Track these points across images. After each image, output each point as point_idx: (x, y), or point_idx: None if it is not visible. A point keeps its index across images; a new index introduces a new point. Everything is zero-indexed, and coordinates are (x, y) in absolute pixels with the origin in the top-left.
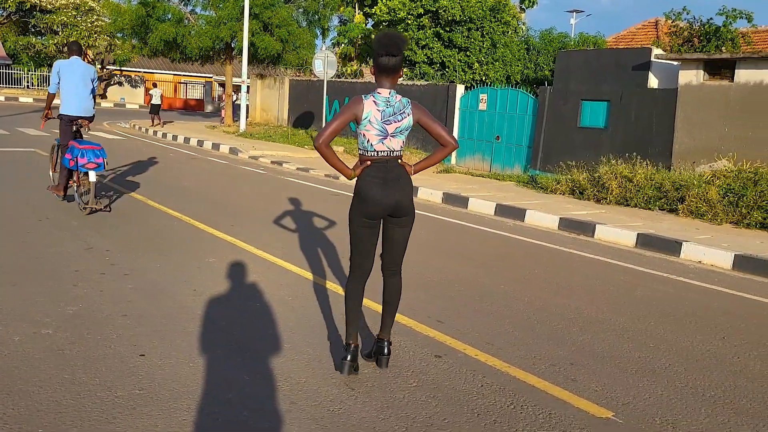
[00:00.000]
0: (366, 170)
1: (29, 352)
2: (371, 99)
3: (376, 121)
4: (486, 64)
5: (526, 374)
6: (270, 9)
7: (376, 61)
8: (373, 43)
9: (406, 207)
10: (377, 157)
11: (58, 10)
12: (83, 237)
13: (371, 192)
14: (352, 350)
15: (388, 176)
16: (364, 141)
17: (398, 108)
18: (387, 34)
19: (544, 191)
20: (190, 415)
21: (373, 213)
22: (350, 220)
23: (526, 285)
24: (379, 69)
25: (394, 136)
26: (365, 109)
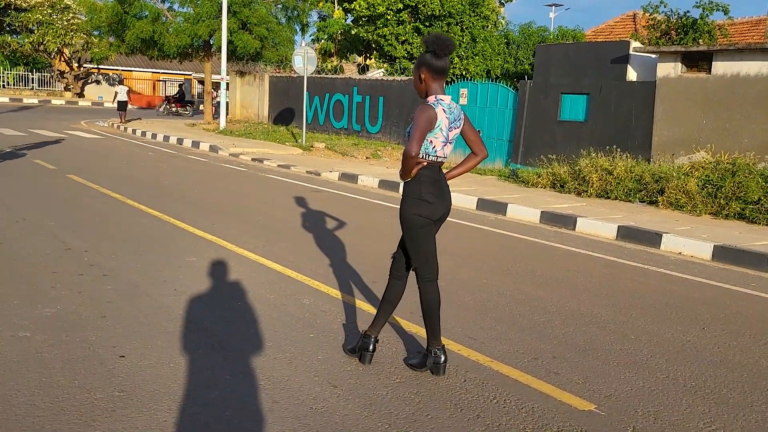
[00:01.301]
0: (423, 173)
1: (6, 355)
2: (440, 107)
3: (445, 128)
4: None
5: (509, 368)
6: (248, 6)
7: (429, 63)
8: (428, 45)
9: (448, 212)
10: (435, 161)
11: (33, 8)
12: (61, 237)
13: (433, 194)
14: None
15: (442, 180)
16: (428, 147)
17: (456, 115)
18: (437, 35)
19: (525, 185)
20: (171, 416)
21: (432, 215)
22: (412, 223)
23: (508, 279)
24: (437, 72)
25: (451, 143)
26: (438, 117)
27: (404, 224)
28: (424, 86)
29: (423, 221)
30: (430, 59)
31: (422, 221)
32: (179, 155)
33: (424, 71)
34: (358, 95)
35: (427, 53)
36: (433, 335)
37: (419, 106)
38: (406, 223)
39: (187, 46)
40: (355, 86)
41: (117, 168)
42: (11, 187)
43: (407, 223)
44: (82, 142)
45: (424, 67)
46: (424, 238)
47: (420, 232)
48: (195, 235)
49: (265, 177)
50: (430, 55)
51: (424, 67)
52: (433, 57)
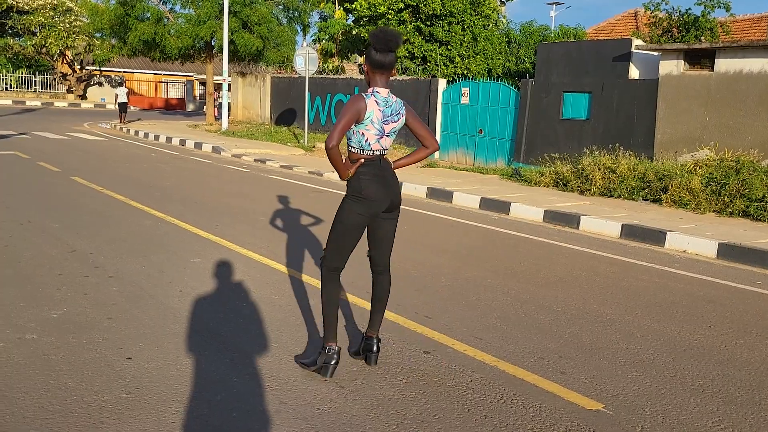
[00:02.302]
0: (363, 170)
1: (14, 358)
2: (373, 99)
3: (377, 120)
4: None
5: (515, 368)
6: (249, 6)
7: (372, 58)
8: (371, 38)
9: (398, 203)
10: (371, 156)
11: (36, 11)
12: (66, 240)
13: (374, 190)
14: (337, 352)
15: (384, 174)
16: (361, 140)
17: (395, 108)
18: (384, 29)
19: (528, 184)
20: (178, 418)
21: (374, 212)
22: (342, 220)
23: (513, 278)
24: (375, 66)
25: (388, 136)
26: (368, 108)
27: (338, 215)
28: (368, 78)
29: (359, 218)
30: (371, 53)
31: (359, 219)
32: (182, 156)
33: (367, 65)
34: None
35: (371, 47)
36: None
37: (351, 96)
38: (340, 214)
39: (189, 47)
40: (357, 86)
41: (120, 169)
42: (15, 189)
43: (341, 216)
44: (85, 144)
45: (367, 60)
46: (350, 233)
47: (349, 228)
48: (199, 236)
49: (267, 178)
50: (372, 49)
51: (367, 61)
52: (374, 51)
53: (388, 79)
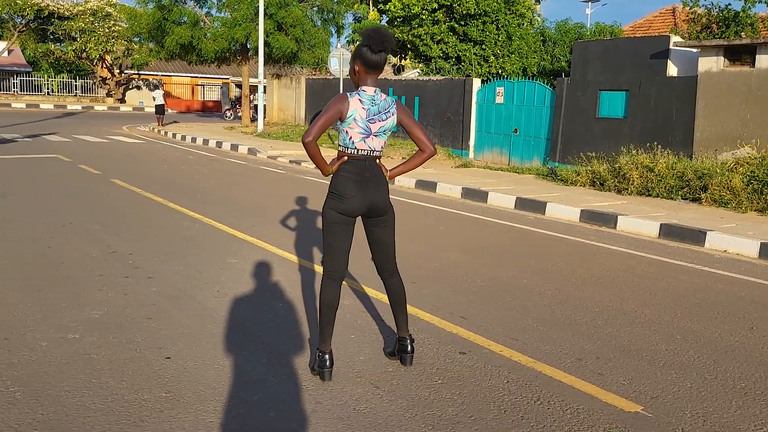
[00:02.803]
0: (344, 167)
1: (57, 357)
2: (357, 97)
3: (360, 119)
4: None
5: (552, 369)
6: (284, 8)
7: (367, 57)
8: (366, 38)
9: (381, 207)
10: (356, 155)
11: (76, 17)
12: (106, 241)
13: (348, 189)
14: (329, 357)
15: (366, 175)
16: (346, 138)
17: (383, 107)
18: (376, 29)
19: (564, 183)
20: (216, 417)
21: (348, 211)
22: (324, 218)
23: (549, 278)
24: (370, 66)
25: (377, 136)
26: (350, 106)
27: (322, 217)
28: (357, 78)
29: (338, 217)
30: (365, 53)
31: (337, 217)
32: (218, 158)
33: (358, 64)
34: (394, 96)
35: (364, 46)
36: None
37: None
38: (322, 216)
39: (225, 50)
40: (391, 87)
41: (158, 172)
42: (58, 192)
43: (322, 216)
44: (124, 146)
45: (359, 59)
46: (334, 234)
47: (332, 227)
48: (235, 237)
49: (303, 179)
50: (366, 48)
51: (359, 60)
52: (369, 51)
53: (377, 79)
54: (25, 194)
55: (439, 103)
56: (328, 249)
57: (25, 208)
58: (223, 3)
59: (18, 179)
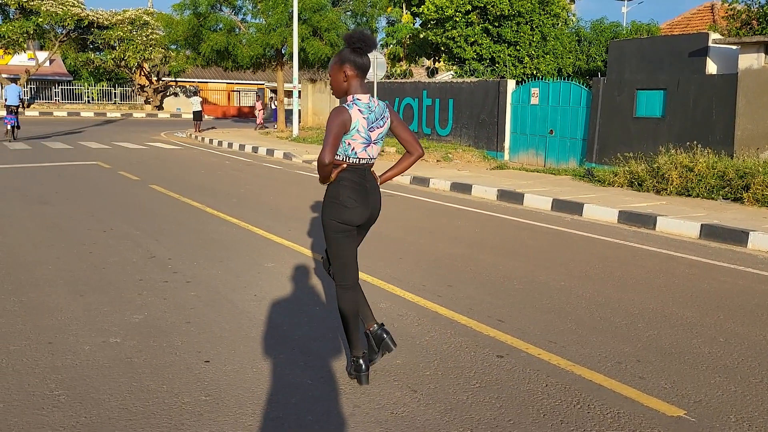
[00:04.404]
0: (345, 176)
1: (99, 360)
2: (356, 107)
3: (363, 129)
4: (537, 58)
5: (592, 373)
6: (318, 13)
7: (356, 61)
8: (354, 41)
9: (376, 216)
10: (357, 164)
11: (115, 26)
12: (146, 246)
13: (350, 199)
14: (365, 361)
15: (366, 185)
16: (348, 149)
17: (379, 113)
18: (361, 32)
19: (601, 184)
20: (255, 420)
21: (350, 221)
22: (327, 228)
23: (587, 280)
24: (360, 69)
25: (375, 143)
26: (353, 118)
27: (323, 227)
28: (347, 85)
29: (341, 227)
30: (354, 57)
31: (340, 226)
32: (255, 163)
33: (350, 68)
34: (428, 98)
35: (350, 50)
36: (351, 344)
37: (335, 109)
38: (324, 227)
39: (260, 56)
40: (425, 89)
41: (196, 177)
42: (98, 198)
43: (325, 227)
44: (163, 153)
45: (349, 63)
46: (340, 244)
47: (337, 237)
48: (272, 241)
49: None
50: (354, 52)
51: (349, 64)
52: (357, 54)
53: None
54: (67, 201)
55: (474, 105)
56: (336, 259)
57: (67, 214)
58: (257, 9)
59: (60, 186)
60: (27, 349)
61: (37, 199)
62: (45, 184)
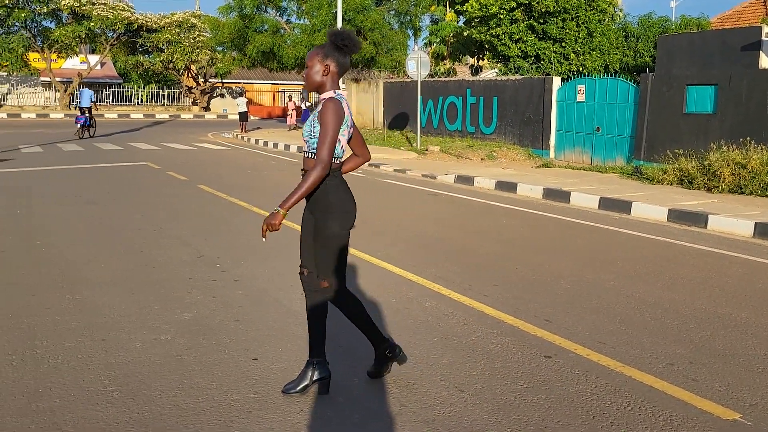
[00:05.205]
0: (336, 181)
1: (150, 357)
2: (345, 101)
3: (348, 126)
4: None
5: (642, 374)
6: (362, 13)
7: (341, 60)
8: (343, 40)
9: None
10: (337, 165)
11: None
12: (194, 245)
13: (350, 203)
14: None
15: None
16: (338, 147)
17: (348, 110)
18: (345, 31)
19: (650, 182)
20: (303, 418)
21: (350, 226)
22: (335, 240)
23: (637, 280)
24: (342, 68)
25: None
26: (345, 111)
27: (329, 240)
28: (324, 79)
29: (346, 236)
30: (341, 57)
31: (346, 236)
32: (300, 164)
33: (333, 64)
34: (472, 96)
35: (334, 46)
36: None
37: (324, 101)
38: (332, 239)
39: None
40: (469, 88)
41: (242, 177)
42: (148, 198)
43: (334, 239)
44: (210, 153)
45: (333, 59)
46: (341, 255)
47: (342, 249)
48: None
49: (381, 182)
50: (338, 50)
51: (333, 60)
52: (341, 52)
53: None
54: (117, 201)
55: (518, 102)
56: (337, 271)
57: (118, 214)
58: (302, 10)
59: (111, 186)
60: (81, 345)
61: (89, 200)
62: (96, 184)
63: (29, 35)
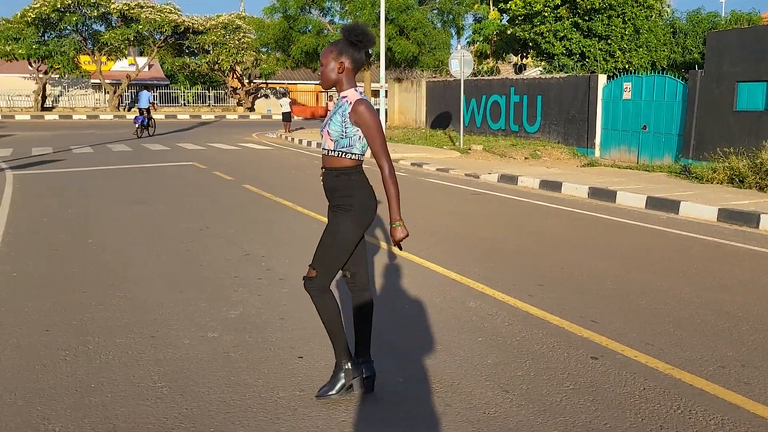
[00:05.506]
0: (363, 177)
1: (198, 354)
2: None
3: None
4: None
5: (692, 377)
6: (405, 13)
7: (352, 54)
8: (359, 36)
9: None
10: (361, 160)
11: (209, 31)
12: (240, 244)
13: (373, 198)
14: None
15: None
16: (363, 145)
17: None
18: (362, 26)
19: (698, 181)
20: (348, 416)
21: (370, 222)
22: (349, 237)
23: (686, 281)
24: (354, 63)
25: None
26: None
27: (336, 233)
28: (340, 77)
29: (359, 233)
30: (357, 53)
31: (359, 234)
32: None
33: (348, 61)
34: (515, 95)
35: (349, 42)
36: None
37: (354, 103)
38: (346, 234)
39: None
40: (512, 86)
41: (286, 177)
42: (195, 198)
43: (345, 235)
44: (254, 153)
45: (348, 56)
46: (347, 252)
47: (350, 245)
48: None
49: (424, 181)
50: (353, 46)
51: (348, 56)
52: (356, 48)
53: None
54: (165, 200)
55: (563, 101)
56: (333, 267)
57: (165, 213)
58: (345, 10)
59: (159, 186)
60: (132, 342)
61: (138, 199)
62: (145, 184)
63: (80, 38)
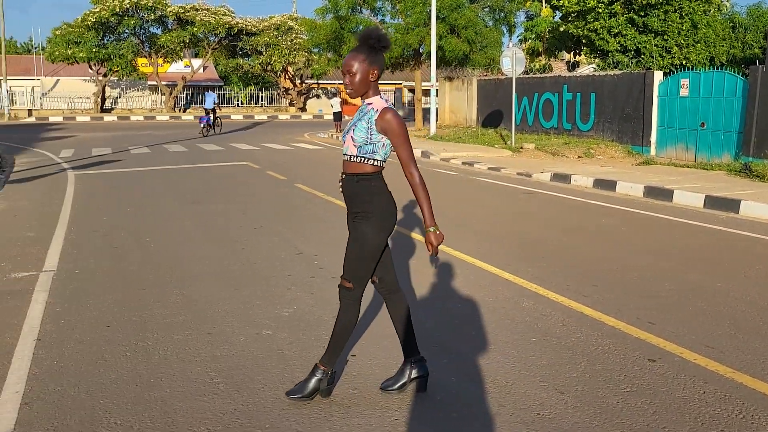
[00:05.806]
0: (383, 183)
1: (253, 351)
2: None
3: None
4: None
5: (755, 381)
6: (456, 11)
7: (379, 63)
8: (374, 41)
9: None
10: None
11: (262, 32)
12: (293, 243)
13: (392, 204)
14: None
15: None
16: (387, 151)
17: None
18: (377, 29)
19: (760, 180)
20: (401, 415)
21: (392, 227)
22: (375, 244)
23: (747, 283)
24: (380, 71)
25: None
26: None
27: (363, 241)
28: (371, 84)
29: (385, 239)
30: (379, 58)
31: (385, 240)
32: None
33: (377, 69)
34: (568, 93)
35: (373, 49)
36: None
37: (381, 111)
38: (372, 241)
39: (399, 56)
40: (565, 84)
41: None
42: (249, 197)
43: (372, 242)
44: (306, 153)
45: (378, 66)
46: (375, 259)
47: (377, 251)
48: (411, 239)
49: (475, 180)
50: (377, 52)
51: (378, 67)
52: (379, 54)
53: None
54: (220, 199)
55: (617, 98)
56: (365, 276)
57: (220, 212)
58: (396, 10)
59: (213, 185)
60: (189, 338)
61: (193, 198)
62: (200, 183)
63: (138, 41)
